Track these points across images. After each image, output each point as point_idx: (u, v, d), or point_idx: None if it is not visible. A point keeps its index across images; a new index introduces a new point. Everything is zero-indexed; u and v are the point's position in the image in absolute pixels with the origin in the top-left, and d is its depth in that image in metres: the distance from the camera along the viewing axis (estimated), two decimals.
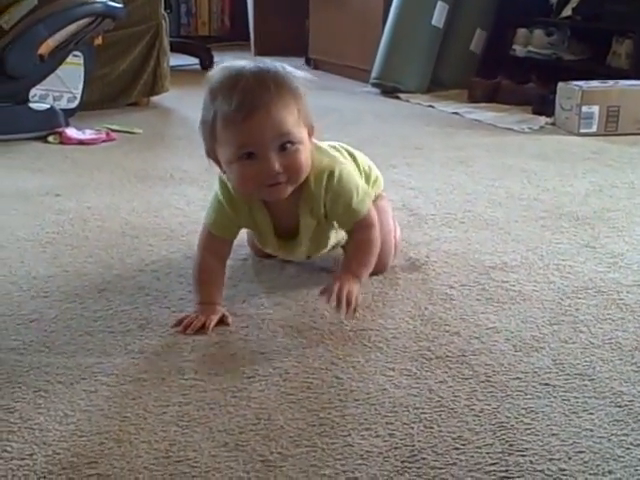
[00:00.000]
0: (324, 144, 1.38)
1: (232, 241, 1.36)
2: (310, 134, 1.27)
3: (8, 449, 0.92)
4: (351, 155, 1.46)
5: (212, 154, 1.26)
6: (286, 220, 1.34)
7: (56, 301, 1.36)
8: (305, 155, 1.23)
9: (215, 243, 1.34)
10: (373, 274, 1.40)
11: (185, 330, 1.22)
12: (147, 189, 2.09)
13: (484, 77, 3.61)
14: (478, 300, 1.37)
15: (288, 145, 1.20)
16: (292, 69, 1.24)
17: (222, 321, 1.26)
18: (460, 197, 2.04)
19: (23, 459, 0.90)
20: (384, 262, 1.45)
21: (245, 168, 1.20)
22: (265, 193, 1.25)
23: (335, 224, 1.38)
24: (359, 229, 1.34)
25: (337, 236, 1.42)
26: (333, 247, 1.46)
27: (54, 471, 0.88)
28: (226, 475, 0.88)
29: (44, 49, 2.72)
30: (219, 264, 1.34)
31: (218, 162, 1.26)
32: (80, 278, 1.46)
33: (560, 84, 3.01)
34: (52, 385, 1.07)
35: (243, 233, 1.45)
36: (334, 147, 1.42)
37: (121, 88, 3.34)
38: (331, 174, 1.29)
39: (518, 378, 1.10)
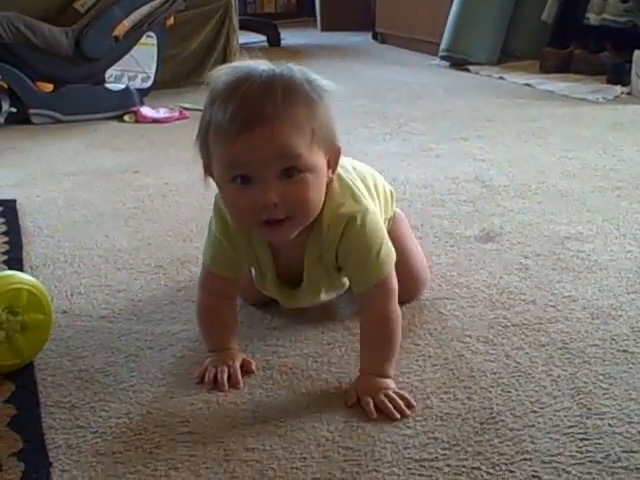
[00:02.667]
0: (349, 165, 1.12)
1: (237, 281, 1.12)
2: (332, 161, 1.00)
3: (106, 408, 0.98)
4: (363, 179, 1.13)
5: (209, 170, 1.01)
6: (289, 263, 1.09)
7: (141, 272, 1.42)
8: (316, 187, 0.96)
9: (217, 283, 1.10)
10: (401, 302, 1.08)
11: (219, 388, 1.02)
12: None
13: (556, 47, 3.55)
14: (554, 269, 1.37)
15: (294, 172, 0.94)
16: (316, 76, 0.98)
17: (245, 368, 1.06)
18: (533, 168, 2.03)
19: (120, 417, 0.96)
20: (417, 291, 1.27)
21: (237, 195, 0.96)
22: (263, 232, 0.99)
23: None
24: (374, 296, 1.04)
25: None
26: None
27: (149, 429, 0.94)
28: (311, 434, 0.92)
29: (119, 30, 2.80)
30: (225, 302, 1.11)
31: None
32: (162, 250, 1.52)
33: (636, 52, 2.94)
34: (142, 350, 1.13)
35: None
36: (363, 177, 1.14)
37: (192, 67, 3.40)
38: (351, 221, 1.01)
39: (595, 345, 1.10)
